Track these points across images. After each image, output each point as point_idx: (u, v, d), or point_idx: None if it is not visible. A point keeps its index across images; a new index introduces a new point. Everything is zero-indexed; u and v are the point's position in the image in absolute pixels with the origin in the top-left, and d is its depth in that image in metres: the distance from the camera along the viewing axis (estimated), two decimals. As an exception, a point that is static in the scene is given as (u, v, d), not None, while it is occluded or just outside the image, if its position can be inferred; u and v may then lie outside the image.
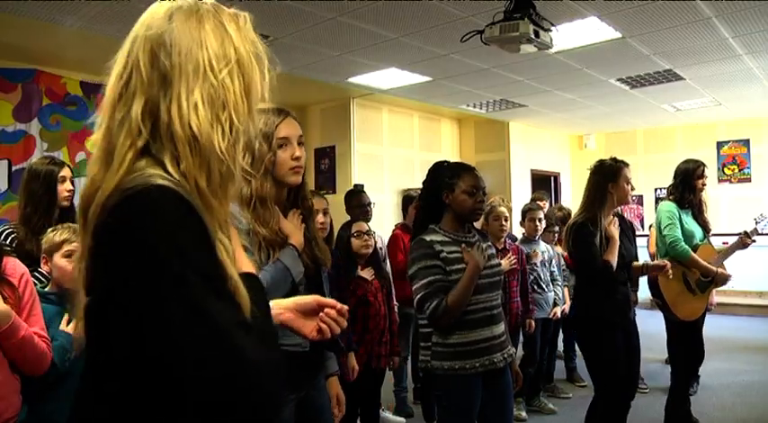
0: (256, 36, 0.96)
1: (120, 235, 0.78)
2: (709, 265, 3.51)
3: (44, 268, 2.11)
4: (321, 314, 1.18)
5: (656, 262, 3.25)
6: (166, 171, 0.83)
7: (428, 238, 2.26)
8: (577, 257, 3.06)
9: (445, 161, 2.48)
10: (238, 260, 0.94)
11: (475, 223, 2.47)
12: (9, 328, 1.77)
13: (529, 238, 4.37)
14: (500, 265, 2.40)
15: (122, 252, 0.78)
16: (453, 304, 2.16)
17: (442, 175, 2.35)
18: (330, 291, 1.96)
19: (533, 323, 4.09)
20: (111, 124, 0.88)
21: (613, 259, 2.90)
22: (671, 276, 3.15)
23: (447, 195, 2.30)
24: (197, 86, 0.85)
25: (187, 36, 0.87)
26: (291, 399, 1.72)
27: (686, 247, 3.47)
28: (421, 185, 2.51)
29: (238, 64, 0.90)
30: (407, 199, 4.48)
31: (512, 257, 3.82)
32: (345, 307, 1.20)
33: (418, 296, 2.22)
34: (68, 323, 2.04)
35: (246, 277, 0.89)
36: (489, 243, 2.45)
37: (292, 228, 1.75)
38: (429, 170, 2.43)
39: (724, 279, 3.56)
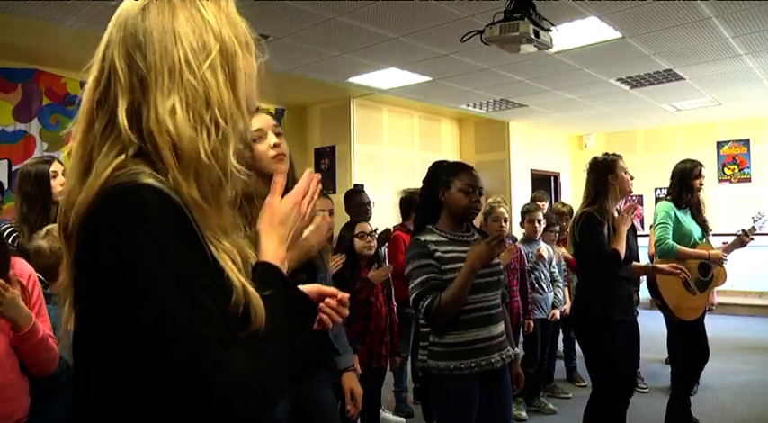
0: (240, 18, 0.88)
1: (103, 231, 0.74)
2: (698, 251, 3.50)
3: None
4: (321, 304, 1.14)
5: (668, 266, 3.23)
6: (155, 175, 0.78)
7: (423, 238, 2.27)
8: (584, 247, 3.00)
9: (445, 161, 2.49)
10: (261, 246, 0.91)
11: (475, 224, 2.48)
12: (30, 330, 1.77)
13: (529, 239, 4.37)
14: (500, 265, 2.39)
15: (101, 252, 0.74)
16: (448, 302, 2.15)
17: (440, 172, 2.36)
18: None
19: (531, 323, 4.09)
20: (89, 134, 0.82)
21: (621, 249, 2.91)
22: (682, 276, 3.15)
23: (443, 193, 2.31)
24: (174, 88, 0.79)
25: (160, 32, 0.80)
26: (284, 396, 1.69)
27: (671, 243, 3.47)
28: (421, 185, 2.52)
29: (221, 53, 0.82)
30: (406, 201, 4.45)
31: (512, 248, 3.83)
32: (346, 295, 1.16)
33: (413, 295, 2.23)
34: None
35: (262, 270, 0.88)
36: None
37: None
38: (429, 168, 2.44)
39: (717, 260, 3.55)
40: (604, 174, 3.01)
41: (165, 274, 0.73)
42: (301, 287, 1.10)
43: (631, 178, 3.08)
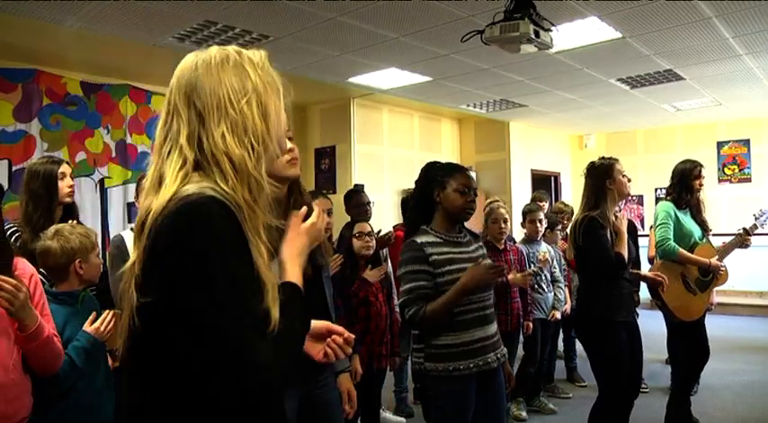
0: (273, 68, 1.12)
1: (176, 237, 0.95)
2: (700, 258, 3.51)
3: (80, 271, 2.13)
4: (329, 340, 1.30)
5: (653, 275, 3.27)
6: (216, 184, 1.01)
7: (419, 240, 2.26)
8: (588, 251, 2.99)
9: (438, 161, 2.49)
10: (286, 271, 1.14)
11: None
12: (36, 329, 1.78)
13: (530, 239, 4.37)
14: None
15: (175, 252, 0.94)
16: (432, 314, 2.16)
17: (435, 173, 2.36)
18: (334, 293, 1.96)
19: (530, 325, 4.08)
20: (159, 159, 1.06)
21: (625, 252, 2.92)
22: (665, 290, 3.20)
23: (438, 193, 2.31)
24: (222, 119, 1.03)
25: (210, 78, 1.05)
26: (292, 394, 1.74)
27: (673, 244, 3.47)
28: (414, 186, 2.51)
29: (255, 92, 1.06)
30: (407, 201, 4.45)
31: (528, 276, 3.75)
32: (352, 336, 1.32)
33: (401, 300, 2.24)
34: (92, 323, 2.06)
35: (286, 286, 1.09)
36: (480, 243, 2.45)
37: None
38: (422, 169, 2.44)
39: (717, 270, 3.56)
40: (602, 178, 3.01)
41: (223, 274, 0.94)
42: (314, 322, 1.32)
43: (629, 180, 3.08)
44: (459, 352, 2.19)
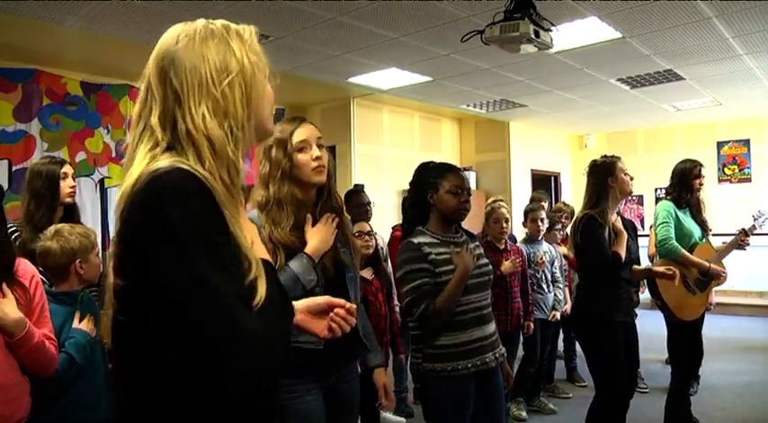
0: (261, 48, 1.06)
1: (146, 213, 0.90)
2: (701, 261, 3.50)
3: (80, 271, 2.15)
4: (331, 314, 1.26)
5: (663, 269, 3.23)
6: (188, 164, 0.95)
7: (416, 240, 2.26)
8: (585, 250, 3.00)
9: (431, 162, 2.49)
10: (256, 248, 1.04)
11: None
12: (23, 337, 1.78)
13: (532, 238, 4.37)
14: (488, 265, 2.39)
15: (147, 226, 0.89)
16: (442, 307, 2.16)
17: (427, 174, 2.36)
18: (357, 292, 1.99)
19: (531, 325, 4.08)
20: (134, 138, 1.02)
21: (622, 252, 2.91)
22: (677, 284, 3.16)
23: (431, 195, 2.31)
24: (203, 98, 0.97)
25: (191, 54, 0.99)
26: (316, 388, 1.80)
27: (676, 244, 3.47)
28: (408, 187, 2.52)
29: (241, 73, 1.00)
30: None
31: (516, 260, 3.80)
32: (354, 306, 1.27)
33: (406, 300, 2.23)
34: (80, 320, 2.10)
35: (262, 262, 1.02)
36: (477, 243, 2.45)
37: (313, 234, 1.79)
38: (415, 170, 2.44)
39: (717, 275, 3.55)
40: (604, 176, 3.02)
41: (201, 243, 0.89)
42: (313, 298, 1.29)
43: (631, 179, 3.09)
44: (458, 352, 2.20)
